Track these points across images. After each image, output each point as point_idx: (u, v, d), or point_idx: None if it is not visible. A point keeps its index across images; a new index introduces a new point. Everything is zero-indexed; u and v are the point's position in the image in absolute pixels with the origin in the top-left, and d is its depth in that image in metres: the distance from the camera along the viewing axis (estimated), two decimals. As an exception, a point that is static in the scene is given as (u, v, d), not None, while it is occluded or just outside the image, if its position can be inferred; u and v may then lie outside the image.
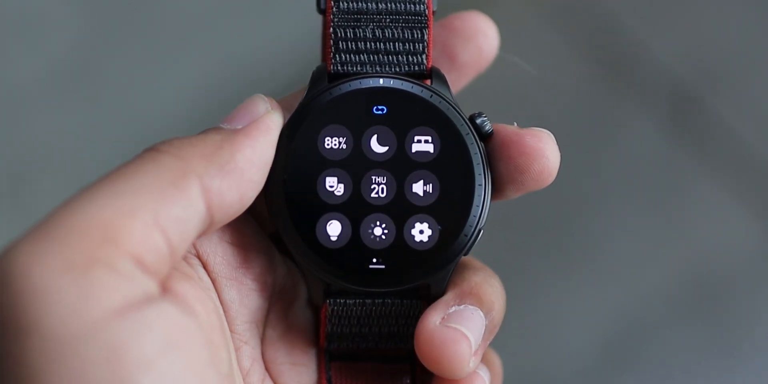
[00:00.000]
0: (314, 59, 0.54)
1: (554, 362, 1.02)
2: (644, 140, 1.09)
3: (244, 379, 0.48)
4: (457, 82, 0.53)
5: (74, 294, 0.39)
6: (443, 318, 0.47)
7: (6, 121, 1.10)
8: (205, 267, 0.47)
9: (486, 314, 0.47)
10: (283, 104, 0.49)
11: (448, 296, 0.48)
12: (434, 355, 0.46)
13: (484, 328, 0.47)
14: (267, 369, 0.49)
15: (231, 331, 0.48)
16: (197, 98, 1.09)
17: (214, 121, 0.48)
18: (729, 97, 1.10)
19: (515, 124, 0.49)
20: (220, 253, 0.48)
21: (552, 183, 0.48)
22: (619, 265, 1.06)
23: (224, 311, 0.48)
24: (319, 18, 0.51)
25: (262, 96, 0.48)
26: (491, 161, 0.48)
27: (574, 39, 1.12)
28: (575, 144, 0.48)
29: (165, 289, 0.43)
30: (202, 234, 0.45)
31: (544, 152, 0.47)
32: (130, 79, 1.11)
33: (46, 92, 1.11)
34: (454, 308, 0.47)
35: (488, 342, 0.48)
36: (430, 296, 0.48)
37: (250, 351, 0.48)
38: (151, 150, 0.45)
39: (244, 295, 0.48)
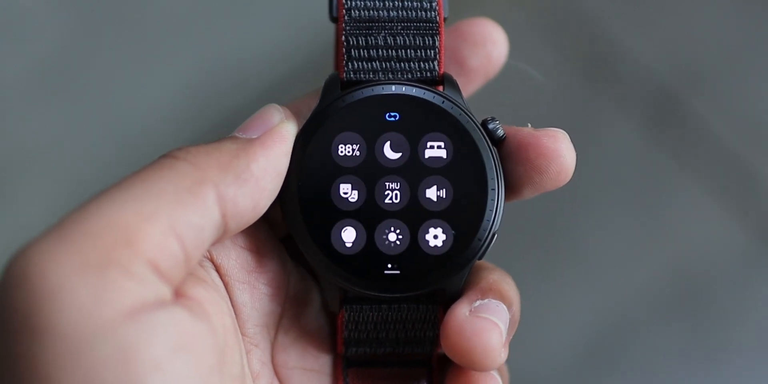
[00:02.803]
0: (301, 60, 0.54)
1: (537, 362, 1.03)
2: (625, 141, 1.09)
3: (254, 382, 0.48)
4: (466, 88, 0.53)
5: (87, 294, 0.40)
6: (470, 310, 0.47)
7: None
8: (217, 270, 0.48)
9: (508, 308, 0.48)
10: (291, 109, 0.49)
11: (470, 293, 0.48)
12: (466, 346, 0.46)
13: (508, 321, 0.47)
14: (277, 373, 0.49)
15: (242, 334, 0.48)
16: (183, 98, 1.09)
17: (200, 120, 0.48)
18: (709, 97, 1.11)
19: (529, 125, 0.49)
20: (234, 257, 0.48)
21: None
22: (601, 266, 1.06)
23: (236, 314, 0.48)
24: (307, 20, 0.51)
25: (277, 106, 0.48)
26: (506, 163, 0.49)
27: (556, 40, 1.13)
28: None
29: (179, 293, 0.43)
30: (216, 242, 0.46)
31: (561, 152, 0.48)
32: (115, 78, 1.10)
33: (31, 91, 1.10)
34: (478, 302, 0.47)
35: (511, 337, 0.48)
36: (446, 300, 0.49)
37: (261, 354, 0.49)
38: (167, 157, 0.45)
39: (256, 299, 0.48)
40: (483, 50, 0.53)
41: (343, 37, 0.49)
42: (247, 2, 1.12)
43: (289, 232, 0.50)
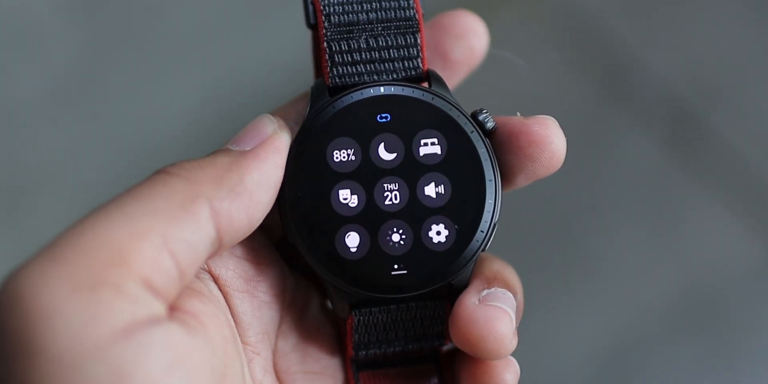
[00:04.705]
0: (310, 71, 0.54)
1: (550, 376, 1.02)
2: (642, 155, 1.09)
3: None
4: (451, 80, 0.53)
5: (80, 315, 0.40)
6: (479, 299, 0.47)
7: (4, 135, 1.10)
8: (216, 281, 0.48)
9: (514, 296, 0.48)
10: (280, 114, 0.50)
11: (476, 283, 0.48)
12: (478, 335, 0.46)
13: (515, 309, 0.48)
14: (279, 379, 0.50)
15: (243, 342, 0.48)
16: (196, 112, 1.09)
17: (212, 134, 0.48)
18: (727, 112, 1.10)
19: (518, 114, 0.49)
20: (231, 267, 0.48)
21: (548, 197, 0.49)
22: (616, 280, 1.05)
23: (236, 323, 0.48)
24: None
25: (270, 116, 0.48)
26: (499, 153, 0.49)
27: (573, 55, 1.12)
28: (572, 159, 0.49)
29: (175, 307, 0.44)
30: (212, 256, 0.46)
31: (552, 139, 0.48)
32: (128, 93, 1.11)
33: (45, 106, 1.11)
34: (485, 291, 0.48)
35: (517, 325, 0.48)
36: (452, 295, 0.49)
37: (262, 362, 0.49)
38: (160, 172, 0.45)
39: (255, 308, 0.49)
40: (465, 42, 0.53)
41: (325, 43, 0.49)
42: (263, 16, 1.13)
43: (283, 237, 0.50)
